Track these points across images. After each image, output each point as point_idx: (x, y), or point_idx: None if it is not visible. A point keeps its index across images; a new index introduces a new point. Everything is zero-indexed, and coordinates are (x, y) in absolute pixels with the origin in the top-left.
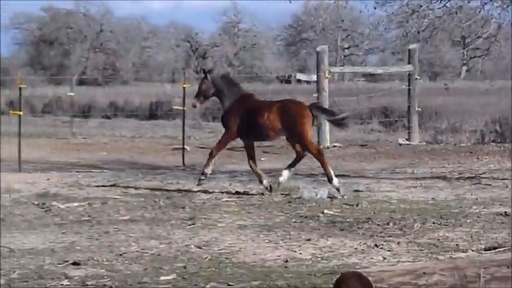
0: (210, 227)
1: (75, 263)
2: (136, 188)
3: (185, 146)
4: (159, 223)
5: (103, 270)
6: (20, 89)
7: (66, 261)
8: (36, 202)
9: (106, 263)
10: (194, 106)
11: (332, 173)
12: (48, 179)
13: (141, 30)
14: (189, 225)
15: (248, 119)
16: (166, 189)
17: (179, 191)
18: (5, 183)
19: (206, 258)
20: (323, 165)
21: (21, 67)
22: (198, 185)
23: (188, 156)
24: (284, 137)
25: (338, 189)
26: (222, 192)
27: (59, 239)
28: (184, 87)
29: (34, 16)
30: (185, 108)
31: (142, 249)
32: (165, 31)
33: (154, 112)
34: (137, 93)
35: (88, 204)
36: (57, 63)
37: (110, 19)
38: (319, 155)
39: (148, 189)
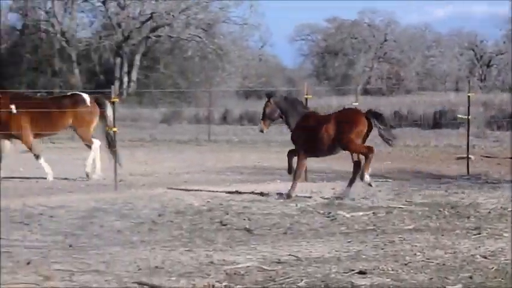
0: (496, 237)
1: (361, 272)
2: (420, 198)
3: (470, 155)
4: (444, 233)
5: (388, 280)
6: (306, 99)
7: (352, 270)
8: (321, 211)
9: (391, 272)
10: (261, 131)
11: (367, 172)
12: (333, 188)
13: (425, 38)
14: (475, 235)
15: (312, 136)
16: (451, 199)
17: (464, 200)
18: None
19: (492, 268)
20: (366, 159)
21: (307, 78)
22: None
23: (473, 166)
24: None
25: (369, 185)
26: (508, 202)
27: (345, 248)
28: (469, 96)
29: (319, 27)
30: (469, 117)
31: (428, 259)
32: (449, 39)
33: (438, 121)
34: (421, 102)
35: (373, 213)
36: (341, 74)
37: (394, 29)
38: (368, 152)
39: (432, 198)
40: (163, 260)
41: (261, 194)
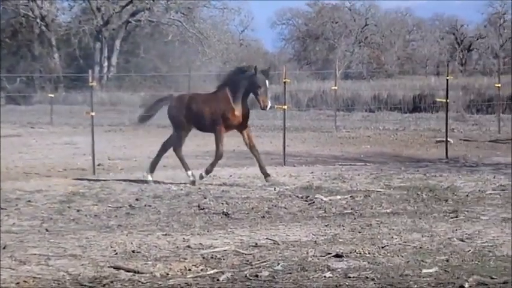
0: (473, 220)
1: (337, 255)
2: (399, 181)
3: (448, 139)
4: (422, 216)
5: (365, 263)
6: (285, 83)
7: (329, 254)
8: (300, 195)
9: (368, 255)
10: None
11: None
12: (312, 172)
13: (405, 23)
14: (452, 218)
15: None
16: (429, 182)
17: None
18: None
19: (469, 251)
20: None
21: (288, 62)
22: None
23: (451, 149)
24: None
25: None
26: (486, 185)
27: (322, 232)
28: (447, 80)
29: (300, 11)
30: (448, 101)
31: (405, 242)
32: (430, 24)
33: (417, 105)
34: (401, 87)
35: (351, 197)
36: (322, 58)
37: (375, 13)
38: None
39: (411, 182)
40: (140, 244)
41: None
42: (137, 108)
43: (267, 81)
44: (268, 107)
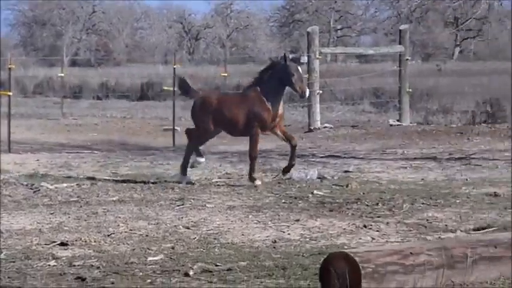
0: (199, 208)
1: (62, 244)
2: (126, 169)
3: (176, 127)
4: (148, 204)
5: (90, 251)
6: (10, 69)
7: (54, 242)
8: (25, 183)
9: (94, 243)
10: None
11: None
12: (37, 160)
13: (133, 11)
14: (178, 205)
15: None
16: (156, 170)
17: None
18: None
19: (194, 238)
20: None
21: (14, 48)
22: None
23: (179, 137)
24: None
25: None
26: (212, 173)
27: (47, 220)
28: (174, 68)
29: None
30: (176, 89)
31: (131, 230)
32: (158, 12)
33: (145, 93)
34: (129, 74)
35: (77, 185)
36: (49, 45)
37: (102, 0)
38: None
39: (138, 170)
40: None
41: None
42: None
43: (299, 68)
44: (307, 93)
